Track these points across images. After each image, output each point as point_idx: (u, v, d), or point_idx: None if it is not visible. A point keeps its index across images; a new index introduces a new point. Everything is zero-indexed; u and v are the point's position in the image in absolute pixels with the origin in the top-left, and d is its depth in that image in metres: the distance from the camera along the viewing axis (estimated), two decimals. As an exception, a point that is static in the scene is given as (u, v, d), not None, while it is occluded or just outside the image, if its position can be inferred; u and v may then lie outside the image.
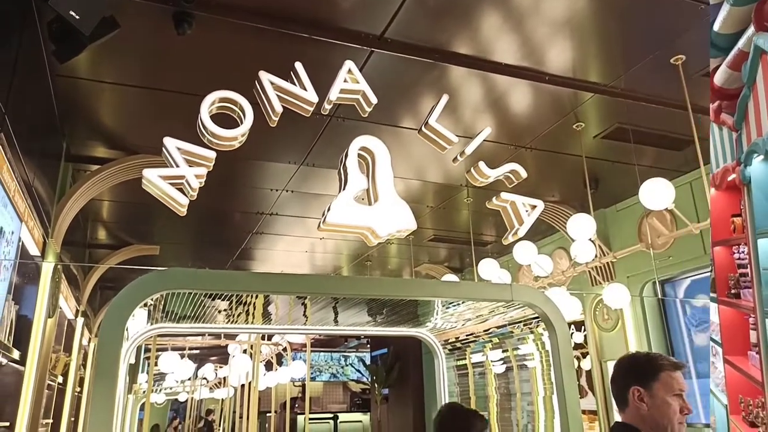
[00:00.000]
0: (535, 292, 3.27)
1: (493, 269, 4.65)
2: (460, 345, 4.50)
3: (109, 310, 2.27)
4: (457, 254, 7.42)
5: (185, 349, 6.70)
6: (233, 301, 3.91)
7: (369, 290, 3.05)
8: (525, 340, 4.48)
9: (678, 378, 1.88)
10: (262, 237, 6.43)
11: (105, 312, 2.28)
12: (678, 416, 1.84)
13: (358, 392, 16.12)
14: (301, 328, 4.23)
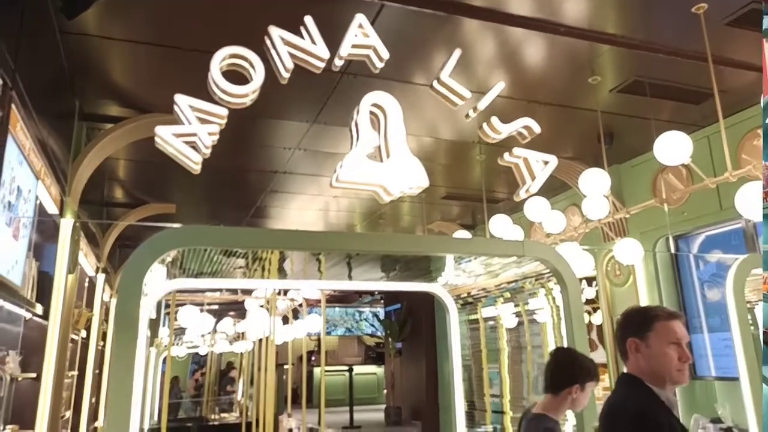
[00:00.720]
0: (547, 248, 3.29)
1: (505, 226, 4.65)
2: (472, 300, 4.55)
3: (127, 266, 2.33)
4: (470, 211, 7.42)
5: (203, 305, 6.86)
6: (249, 258, 3.97)
7: (382, 246, 3.08)
8: (536, 295, 4.52)
9: (674, 327, 1.91)
10: (276, 196, 6.47)
11: (123, 267, 2.33)
12: (676, 364, 1.87)
13: (373, 346, 16.49)
14: (316, 283, 4.30)
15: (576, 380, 2.53)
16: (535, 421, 2.58)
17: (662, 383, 1.88)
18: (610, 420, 1.89)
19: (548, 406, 2.58)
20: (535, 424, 2.56)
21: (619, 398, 1.96)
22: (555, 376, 2.61)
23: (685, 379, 1.90)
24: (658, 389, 1.87)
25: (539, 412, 2.60)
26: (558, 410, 2.57)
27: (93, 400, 6.19)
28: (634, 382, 1.91)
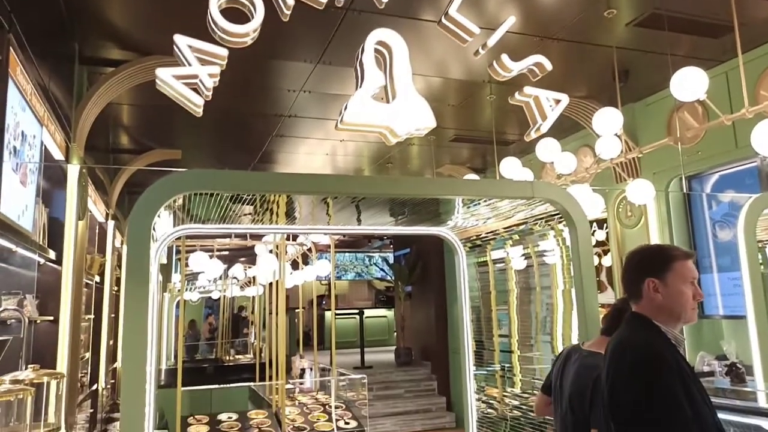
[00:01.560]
0: (557, 189, 3.25)
1: (515, 168, 4.59)
2: (480, 243, 4.55)
3: (135, 209, 2.33)
4: (479, 154, 7.33)
5: (213, 251, 6.94)
6: (257, 204, 3.97)
7: (391, 190, 3.05)
8: (546, 236, 4.51)
9: (690, 266, 1.93)
10: (282, 140, 6.41)
11: (132, 210, 2.34)
12: (691, 303, 1.90)
13: (382, 290, 16.73)
14: (325, 228, 4.31)
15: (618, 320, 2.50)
16: (590, 358, 2.53)
17: (675, 321, 1.91)
18: (615, 355, 1.87)
19: (592, 344, 2.55)
20: (586, 357, 2.52)
21: (626, 335, 1.95)
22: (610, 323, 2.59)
23: (696, 317, 1.94)
24: (667, 328, 1.89)
25: (595, 350, 2.55)
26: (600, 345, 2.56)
27: (111, 342, 6.37)
28: (642, 320, 1.92)
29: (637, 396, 1.76)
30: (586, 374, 2.44)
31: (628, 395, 1.79)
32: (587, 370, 2.46)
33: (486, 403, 4.76)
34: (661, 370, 1.75)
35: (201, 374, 8.09)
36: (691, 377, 1.82)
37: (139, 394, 2.30)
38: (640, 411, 1.74)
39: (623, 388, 1.81)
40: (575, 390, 2.49)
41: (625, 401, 1.79)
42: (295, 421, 5.13)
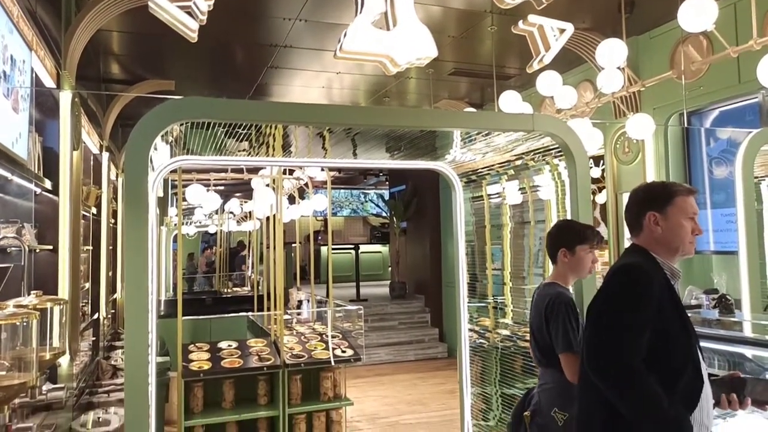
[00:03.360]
0: (557, 122, 3.22)
1: (514, 102, 4.53)
2: (476, 178, 4.56)
3: (133, 134, 2.30)
4: (479, 89, 7.22)
5: (210, 184, 6.92)
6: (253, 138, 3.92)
7: (388, 121, 3.02)
8: (541, 171, 4.52)
9: (691, 202, 1.99)
10: (277, 72, 6.27)
11: (130, 136, 2.31)
12: (689, 237, 1.98)
13: (378, 226, 16.89)
14: (321, 161, 4.28)
15: (561, 245, 2.67)
16: (545, 288, 2.71)
17: (673, 254, 1.98)
18: (608, 275, 1.99)
19: (555, 275, 2.74)
20: (545, 290, 2.69)
21: (621, 261, 2.05)
22: (547, 245, 2.80)
23: (693, 250, 2.02)
24: (664, 260, 1.96)
25: (549, 281, 2.74)
26: (563, 277, 2.71)
27: (110, 274, 6.46)
28: (640, 251, 2.00)
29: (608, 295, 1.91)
30: (541, 304, 2.64)
31: (602, 295, 1.93)
32: (541, 299, 2.65)
33: (478, 333, 4.90)
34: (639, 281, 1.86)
35: (200, 305, 8.26)
36: (679, 308, 1.91)
37: (142, 319, 2.35)
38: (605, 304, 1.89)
39: (601, 292, 1.95)
40: (533, 321, 2.68)
41: (599, 300, 1.94)
42: (293, 349, 5.28)
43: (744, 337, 2.71)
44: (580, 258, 2.64)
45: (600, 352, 1.82)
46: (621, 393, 1.76)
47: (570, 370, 2.50)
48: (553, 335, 2.55)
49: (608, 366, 1.78)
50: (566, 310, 2.54)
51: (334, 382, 5.21)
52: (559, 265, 2.71)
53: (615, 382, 1.77)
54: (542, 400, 2.64)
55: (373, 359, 8.72)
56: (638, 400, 1.73)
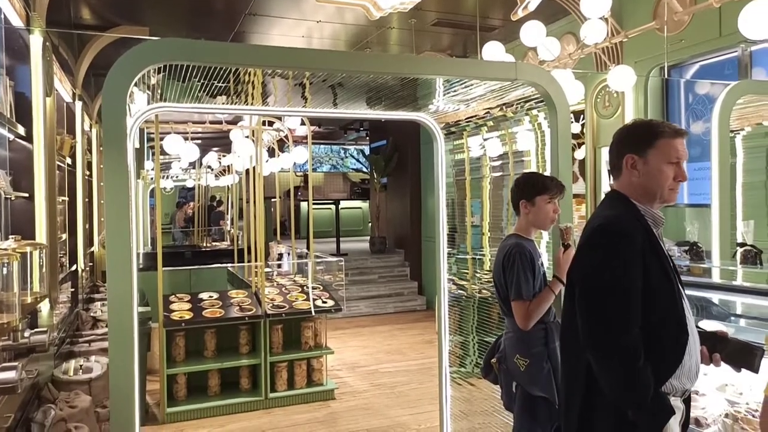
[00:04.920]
0: (540, 71, 3.21)
1: (497, 53, 4.49)
2: (456, 129, 4.55)
3: (110, 76, 2.24)
4: (461, 41, 7.13)
5: (188, 135, 6.80)
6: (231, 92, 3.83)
7: (370, 67, 2.97)
8: (521, 122, 4.53)
9: (676, 145, 1.81)
10: (255, 20, 6.10)
11: (107, 77, 2.25)
12: (670, 183, 1.82)
13: (358, 182, 16.84)
14: (301, 110, 4.22)
15: (522, 196, 2.70)
16: (506, 239, 2.77)
17: (652, 201, 1.85)
18: (586, 228, 1.90)
19: (517, 227, 2.80)
20: (506, 241, 2.75)
21: (600, 211, 1.96)
22: (511, 198, 2.81)
23: (675, 198, 1.88)
24: (644, 206, 1.85)
25: (512, 233, 2.79)
26: (525, 229, 2.75)
27: (87, 226, 6.37)
28: (620, 198, 1.88)
29: (592, 264, 1.79)
30: (500, 255, 2.69)
31: (585, 262, 1.84)
32: (501, 251, 2.72)
33: (456, 284, 4.99)
34: (620, 244, 1.75)
35: (179, 258, 8.23)
36: (662, 257, 1.80)
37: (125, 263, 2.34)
38: (592, 279, 1.77)
39: (582, 256, 1.87)
40: (495, 272, 2.75)
41: (582, 268, 1.84)
42: (274, 300, 5.33)
43: (712, 283, 2.82)
44: (540, 208, 2.66)
45: (592, 338, 1.74)
46: (610, 378, 1.71)
47: (518, 316, 2.57)
48: (508, 284, 2.61)
49: (603, 349, 1.71)
50: (521, 259, 2.57)
51: (315, 331, 5.30)
52: (522, 216, 2.74)
53: (608, 366, 1.71)
54: (506, 348, 2.73)
55: (353, 312, 8.85)
56: (626, 391, 1.69)
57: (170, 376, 4.79)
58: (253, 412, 4.82)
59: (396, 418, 4.63)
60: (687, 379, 1.78)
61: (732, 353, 1.87)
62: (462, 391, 4.34)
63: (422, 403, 4.90)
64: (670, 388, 1.75)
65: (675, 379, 1.75)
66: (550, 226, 2.75)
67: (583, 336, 1.76)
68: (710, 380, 2.60)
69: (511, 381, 2.70)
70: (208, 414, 4.74)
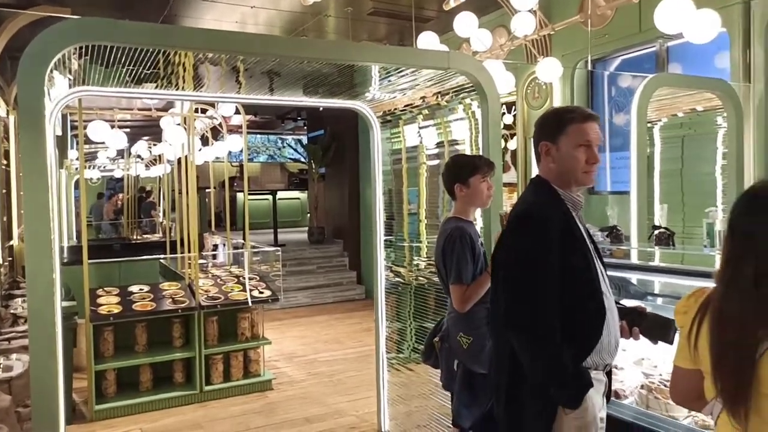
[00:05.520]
0: (471, 61, 3.29)
1: (432, 43, 4.55)
2: (391, 118, 4.60)
3: (25, 58, 2.13)
4: (397, 31, 7.17)
5: (115, 122, 6.50)
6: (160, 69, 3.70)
7: (305, 52, 2.95)
8: (455, 110, 4.63)
9: (586, 129, 1.88)
10: (187, 3, 5.91)
11: (21, 59, 2.12)
12: (583, 166, 1.89)
13: (296, 173, 16.65)
14: (235, 97, 4.13)
15: (456, 179, 2.74)
16: (446, 223, 2.83)
17: (569, 185, 1.92)
18: (511, 214, 2.01)
19: (455, 210, 2.84)
20: (446, 225, 2.80)
21: (523, 196, 2.06)
22: (444, 184, 2.85)
23: (591, 180, 1.94)
24: (564, 191, 1.92)
25: (451, 216, 2.83)
26: (463, 211, 2.80)
27: (4, 219, 6.01)
28: (541, 184, 1.97)
29: (511, 254, 1.88)
30: (441, 239, 2.75)
31: (507, 246, 1.92)
32: (442, 234, 2.79)
33: (394, 272, 5.05)
34: (539, 228, 1.82)
35: (107, 251, 7.88)
36: (580, 239, 1.90)
37: (46, 260, 2.23)
38: (513, 262, 1.85)
39: (505, 240, 1.95)
40: (436, 255, 2.82)
41: (504, 251, 1.92)
42: (208, 291, 5.22)
43: (630, 264, 2.99)
44: (475, 188, 2.71)
45: (514, 317, 1.81)
46: (530, 357, 1.80)
47: (456, 299, 2.63)
48: (447, 267, 2.67)
49: (523, 331, 1.79)
50: (461, 243, 2.62)
51: (252, 322, 5.24)
52: (458, 199, 2.77)
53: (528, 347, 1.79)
54: (449, 327, 2.79)
55: (291, 303, 8.79)
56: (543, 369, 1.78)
57: (99, 373, 4.61)
58: (188, 406, 4.72)
59: (334, 406, 4.65)
60: (607, 354, 1.89)
61: (649, 327, 2.00)
62: (400, 376, 4.41)
63: (360, 390, 4.94)
64: (591, 363, 1.85)
65: (595, 355, 1.85)
66: (488, 202, 2.81)
67: (505, 316, 1.84)
68: (628, 355, 2.77)
69: (452, 360, 2.76)
70: (140, 410, 4.60)
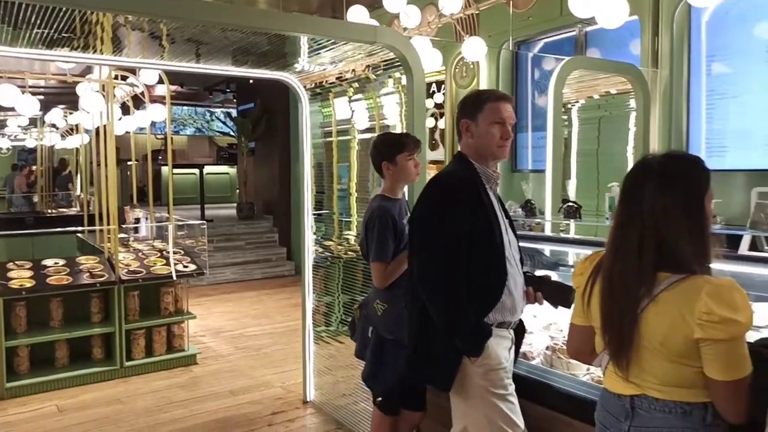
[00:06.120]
0: (397, 36, 3.33)
1: (362, 16, 4.55)
2: (321, 91, 4.58)
3: None
4: (329, 3, 7.10)
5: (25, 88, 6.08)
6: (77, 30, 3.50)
7: (230, 19, 2.89)
8: (385, 84, 4.68)
9: (500, 107, 2.07)
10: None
11: None
12: (497, 141, 2.07)
13: (225, 147, 16.24)
14: (158, 63, 3.97)
15: (384, 158, 2.78)
16: (372, 201, 2.87)
17: (486, 159, 2.10)
18: (427, 186, 2.15)
19: (383, 188, 2.88)
20: (371, 203, 2.85)
21: (443, 171, 2.21)
22: (371, 160, 2.88)
23: (505, 154, 2.13)
24: (480, 165, 2.10)
25: (378, 193, 2.87)
26: (391, 189, 2.84)
27: None
28: (460, 158, 2.14)
29: (424, 216, 2.06)
30: (365, 216, 2.81)
31: (421, 211, 2.09)
32: (367, 212, 2.84)
33: (323, 247, 5.08)
34: (452, 196, 2.02)
35: (19, 224, 7.44)
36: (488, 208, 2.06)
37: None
38: (426, 225, 2.04)
39: (420, 205, 2.11)
40: (362, 232, 2.86)
41: (419, 216, 2.09)
42: (129, 265, 5.07)
43: (544, 235, 3.17)
44: (402, 166, 2.75)
45: (424, 273, 2.01)
46: (438, 310, 1.99)
47: (375, 276, 2.69)
48: (368, 245, 2.73)
49: (431, 286, 1.99)
50: (381, 223, 2.66)
51: (176, 297, 5.14)
52: (386, 177, 2.81)
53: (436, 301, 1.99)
54: (370, 296, 2.87)
55: (219, 279, 8.65)
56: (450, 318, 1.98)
57: (10, 349, 4.40)
58: (108, 382, 4.60)
59: (260, 378, 4.67)
60: (509, 313, 2.09)
61: (551, 292, 2.19)
62: (329, 348, 4.47)
63: (287, 363, 4.98)
64: (492, 320, 2.05)
65: (497, 313, 2.05)
66: (416, 179, 2.86)
67: (417, 274, 2.04)
68: (538, 321, 2.95)
69: (368, 326, 2.83)
70: (56, 386, 4.44)
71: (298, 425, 3.81)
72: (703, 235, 1.41)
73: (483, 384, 2.02)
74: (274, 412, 3.99)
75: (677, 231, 1.39)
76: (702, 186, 1.43)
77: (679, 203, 1.39)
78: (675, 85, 4.23)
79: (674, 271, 1.40)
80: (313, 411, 4.03)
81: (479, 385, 2.02)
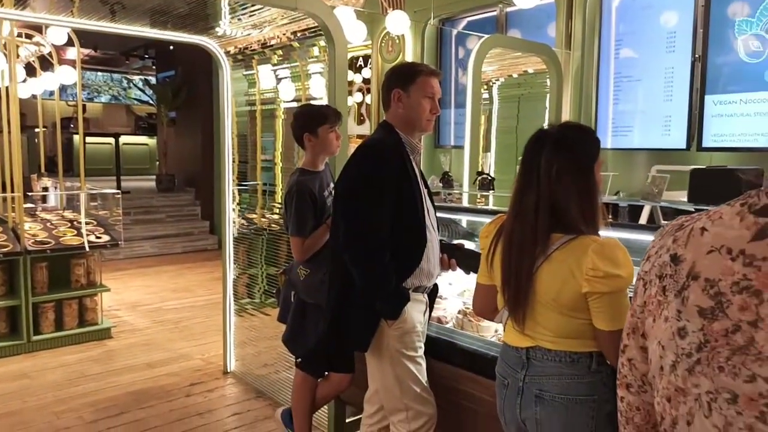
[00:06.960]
0: (320, 4, 3.30)
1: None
2: (243, 57, 4.46)
3: None
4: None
5: None
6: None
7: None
8: (311, 53, 4.63)
9: (432, 82, 2.14)
10: None
11: None
12: (426, 114, 2.14)
13: (144, 116, 15.49)
14: (67, 20, 3.71)
15: (305, 129, 2.76)
16: (293, 175, 2.85)
17: (412, 130, 2.15)
18: (354, 152, 2.18)
19: (304, 161, 2.86)
20: (291, 177, 2.84)
21: (370, 138, 2.25)
22: (293, 132, 2.86)
23: (430, 128, 2.22)
24: (406, 135, 2.15)
25: (300, 167, 2.86)
26: (312, 162, 2.83)
27: None
28: (386, 127, 2.17)
29: (351, 182, 2.10)
30: (285, 189, 2.82)
31: (347, 177, 2.13)
32: (287, 186, 2.83)
33: (246, 219, 5.01)
34: (377, 163, 2.06)
35: None
36: (411, 176, 2.12)
37: None
38: (352, 190, 2.08)
39: (346, 171, 2.14)
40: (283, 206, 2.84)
41: (345, 181, 2.13)
42: (36, 236, 4.80)
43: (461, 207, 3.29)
44: (323, 138, 2.75)
45: (349, 238, 2.05)
46: (361, 273, 2.05)
47: (294, 250, 2.70)
48: (288, 220, 2.74)
49: (356, 250, 2.03)
50: (299, 198, 2.66)
51: (88, 269, 4.93)
52: (307, 149, 2.79)
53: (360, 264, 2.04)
54: (294, 262, 2.89)
55: (136, 252, 8.35)
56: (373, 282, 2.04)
57: None
58: (14, 357, 4.37)
59: (179, 351, 4.59)
60: (425, 278, 2.18)
61: (464, 259, 2.30)
62: (252, 320, 4.44)
63: (208, 335, 4.92)
64: (410, 285, 2.13)
65: (415, 278, 2.14)
66: (337, 151, 2.87)
67: (342, 239, 2.07)
68: (454, 288, 3.08)
69: (290, 291, 2.85)
70: (-47, 363, 4.18)
71: (217, 395, 3.79)
72: (591, 198, 1.53)
73: (397, 346, 2.11)
74: (192, 383, 3.95)
75: (568, 194, 1.50)
76: (592, 153, 1.55)
77: (570, 168, 1.50)
78: (586, 66, 4.46)
79: (565, 231, 1.51)
80: (233, 381, 4.02)
81: (393, 347, 2.10)
